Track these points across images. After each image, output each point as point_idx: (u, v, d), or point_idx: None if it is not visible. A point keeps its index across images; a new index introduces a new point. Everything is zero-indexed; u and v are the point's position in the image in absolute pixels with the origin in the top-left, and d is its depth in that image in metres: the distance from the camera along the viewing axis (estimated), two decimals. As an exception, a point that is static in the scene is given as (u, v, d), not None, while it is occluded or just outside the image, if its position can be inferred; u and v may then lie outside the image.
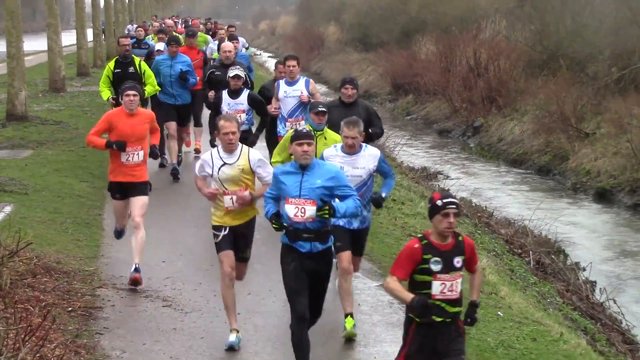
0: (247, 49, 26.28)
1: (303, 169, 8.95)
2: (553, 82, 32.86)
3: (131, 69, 17.39)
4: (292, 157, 9.12)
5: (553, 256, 18.43)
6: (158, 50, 19.69)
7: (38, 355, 8.69)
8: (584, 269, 18.39)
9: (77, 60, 40.54)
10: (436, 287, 7.51)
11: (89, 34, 45.74)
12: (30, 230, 13.05)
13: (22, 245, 11.41)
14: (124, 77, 16.45)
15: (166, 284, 11.93)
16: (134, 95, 11.72)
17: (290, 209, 8.92)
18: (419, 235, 7.72)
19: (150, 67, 17.95)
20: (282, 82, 14.69)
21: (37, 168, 18.81)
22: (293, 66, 14.62)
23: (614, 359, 13.48)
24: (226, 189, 9.89)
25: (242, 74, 14.54)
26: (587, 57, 34.31)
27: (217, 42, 23.72)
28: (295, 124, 14.27)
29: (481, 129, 34.74)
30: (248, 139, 14.29)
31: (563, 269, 17.95)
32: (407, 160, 28.22)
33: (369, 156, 10.39)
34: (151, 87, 17.27)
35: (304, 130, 9.05)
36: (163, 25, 30.51)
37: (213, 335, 10.40)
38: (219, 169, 9.88)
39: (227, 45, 17.61)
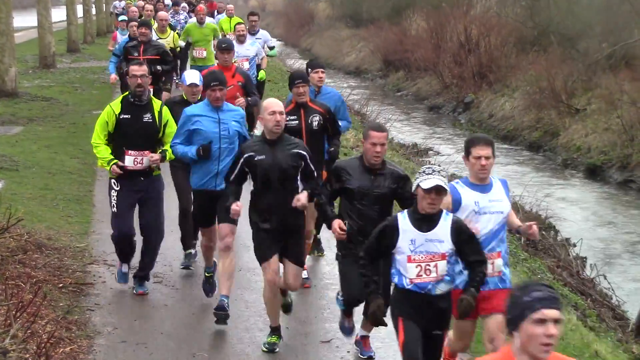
0: (271, 49, 19.61)
1: None
2: (544, 58, 32.81)
3: (147, 117, 10.60)
4: None
5: (544, 232, 18.45)
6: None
7: (29, 331, 8.69)
8: (575, 245, 18.43)
9: (67, 37, 40.37)
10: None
11: (79, 9, 45.51)
12: (21, 206, 13.03)
13: (13, 221, 11.40)
14: (134, 129, 10.54)
15: (157, 260, 11.89)
16: None
17: None
18: None
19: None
20: (462, 187, 7.92)
21: (27, 144, 18.77)
22: (487, 157, 7.83)
23: (604, 334, 13.53)
24: None
25: (447, 186, 7.40)
26: (578, 33, 34.26)
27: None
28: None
29: (472, 105, 34.70)
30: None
31: (554, 245, 17.99)
32: (397, 137, 28.20)
33: None
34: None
35: None
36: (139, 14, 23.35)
37: (204, 312, 10.40)
38: None
39: (273, 104, 9.21)
